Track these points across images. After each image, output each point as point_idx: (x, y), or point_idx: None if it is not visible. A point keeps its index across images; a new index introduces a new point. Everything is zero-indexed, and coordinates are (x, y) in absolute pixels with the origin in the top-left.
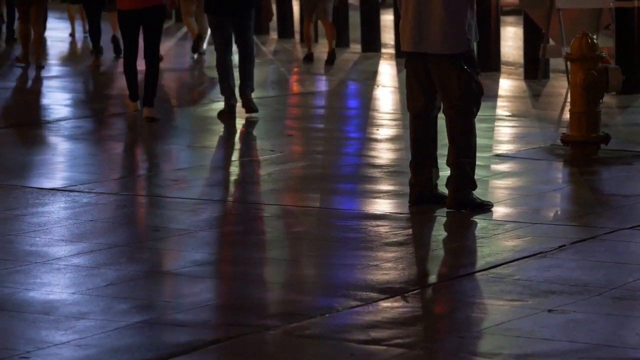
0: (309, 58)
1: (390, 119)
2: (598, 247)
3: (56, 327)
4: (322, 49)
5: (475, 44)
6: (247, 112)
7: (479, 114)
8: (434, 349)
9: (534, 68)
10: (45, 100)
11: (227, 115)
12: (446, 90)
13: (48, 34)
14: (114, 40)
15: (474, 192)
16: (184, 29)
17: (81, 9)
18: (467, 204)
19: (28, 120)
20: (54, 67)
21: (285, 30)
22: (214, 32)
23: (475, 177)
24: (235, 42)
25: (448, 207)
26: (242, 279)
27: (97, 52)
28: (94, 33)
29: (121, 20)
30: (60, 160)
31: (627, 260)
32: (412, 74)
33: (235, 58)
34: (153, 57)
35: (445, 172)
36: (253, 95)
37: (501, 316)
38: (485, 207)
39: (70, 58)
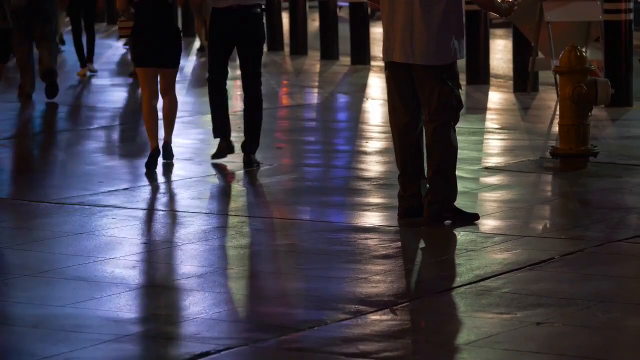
0: None
1: (379, 132)
2: (587, 259)
3: (47, 340)
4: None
5: (462, 57)
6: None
7: (468, 127)
8: None
9: (523, 81)
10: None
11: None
12: (426, 102)
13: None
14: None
15: (454, 203)
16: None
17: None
18: (443, 217)
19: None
20: None
21: (275, 42)
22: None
23: (465, 189)
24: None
25: (425, 221)
26: (231, 292)
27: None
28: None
29: (70, 7)
30: (51, 173)
31: (615, 274)
32: (394, 90)
33: None
34: (92, 30)
35: None
36: None
37: (489, 329)
38: (468, 215)
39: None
